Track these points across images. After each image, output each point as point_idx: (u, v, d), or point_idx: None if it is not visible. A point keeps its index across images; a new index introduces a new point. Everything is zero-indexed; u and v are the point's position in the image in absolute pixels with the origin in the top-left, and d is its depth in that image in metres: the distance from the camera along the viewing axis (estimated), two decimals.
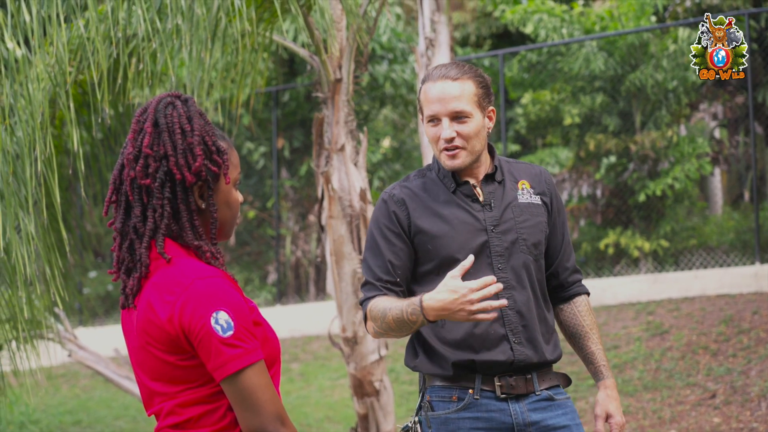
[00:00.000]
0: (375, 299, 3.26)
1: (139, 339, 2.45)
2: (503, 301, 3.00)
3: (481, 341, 3.24)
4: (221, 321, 2.35)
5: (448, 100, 3.27)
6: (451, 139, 3.27)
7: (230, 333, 2.35)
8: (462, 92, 3.28)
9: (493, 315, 3.00)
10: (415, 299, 3.10)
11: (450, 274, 3.01)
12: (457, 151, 3.29)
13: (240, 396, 2.36)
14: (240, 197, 2.59)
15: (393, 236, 3.30)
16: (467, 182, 3.35)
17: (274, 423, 2.36)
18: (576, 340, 3.45)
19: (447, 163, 3.31)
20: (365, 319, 3.31)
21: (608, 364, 3.41)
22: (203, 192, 2.49)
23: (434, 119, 3.30)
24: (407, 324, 3.13)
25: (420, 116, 3.40)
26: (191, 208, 2.47)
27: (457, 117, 3.28)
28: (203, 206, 2.49)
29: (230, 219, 2.56)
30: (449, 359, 3.24)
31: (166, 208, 2.45)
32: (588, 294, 3.52)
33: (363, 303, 3.32)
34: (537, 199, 3.40)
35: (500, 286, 2.99)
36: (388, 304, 3.19)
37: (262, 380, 2.37)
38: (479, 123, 3.30)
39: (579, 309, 3.46)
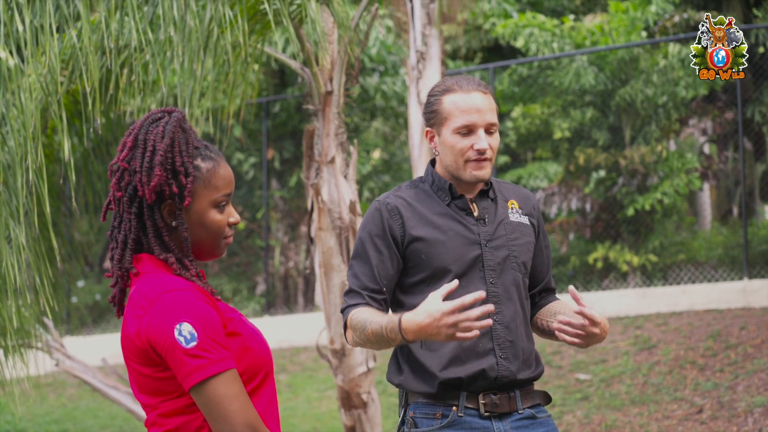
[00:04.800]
0: (357, 309, 3.23)
1: (123, 353, 2.50)
2: (488, 321, 2.92)
3: (468, 354, 3.24)
4: (184, 332, 2.38)
5: (484, 111, 3.28)
6: (485, 151, 3.28)
7: (194, 344, 2.37)
8: (492, 105, 3.32)
9: (475, 334, 2.93)
10: (395, 318, 3.06)
11: (432, 294, 2.96)
12: (485, 162, 3.30)
13: (207, 406, 2.38)
14: (229, 217, 2.57)
15: (383, 245, 3.28)
16: (462, 196, 3.35)
17: None
18: (544, 312, 3.45)
19: (474, 173, 3.29)
20: (345, 326, 3.27)
21: None
22: (173, 211, 2.51)
23: (467, 130, 3.29)
24: (386, 340, 3.10)
25: (432, 128, 3.36)
26: (158, 225, 2.49)
27: (488, 129, 3.30)
28: (174, 225, 2.51)
29: (207, 239, 2.55)
30: (437, 377, 3.23)
31: (132, 222, 2.49)
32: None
33: (345, 310, 3.29)
34: (525, 220, 3.42)
35: (489, 307, 2.92)
36: (368, 317, 3.16)
37: (229, 390, 2.38)
38: (499, 137, 3.36)
39: (550, 299, 3.50)
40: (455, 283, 2.97)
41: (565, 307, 3.42)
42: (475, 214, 3.35)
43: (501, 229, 3.35)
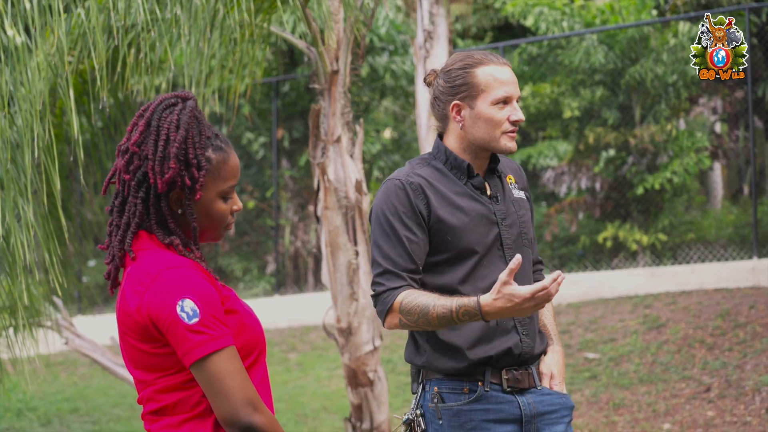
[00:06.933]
0: (405, 292, 3.19)
1: (119, 329, 2.52)
2: (558, 272, 3.03)
3: (493, 331, 3.26)
4: (187, 308, 2.40)
5: (516, 84, 3.33)
6: (522, 121, 3.32)
7: (196, 320, 2.40)
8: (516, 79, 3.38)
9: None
10: (467, 301, 3.10)
11: (501, 279, 3.03)
12: (514, 134, 3.34)
13: (208, 382, 2.40)
14: (233, 206, 2.59)
15: (414, 224, 3.24)
16: (478, 175, 3.36)
17: (245, 408, 2.40)
18: None
19: (509, 145, 3.33)
20: (388, 310, 3.21)
21: (558, 335, 3.48)
22: (181, 199, 2.52)
23: (505, 101, 3.31)
24: (453, 322, 3.13)
25: (462, 101, 3.32)
26: (164, 212, 2.51)
27: (517, 101, 3.36)
28: (180, 212, 2.53)
29: (210, 227, 2.58)
30: (466, 356, 3.24)
31: (138, 207, 2.50)
32: None
33: (385, 293, 3.23)
34: (522, 195, 3.46)
35: (559, 274, 3.02)
36: (429, 301, 3.14)
37: (230, 366, 2.40)
38: None
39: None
40: (518, 259, 3.01)
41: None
42: (489, 192, 3.36)
43: (511, 206, 3.38)
